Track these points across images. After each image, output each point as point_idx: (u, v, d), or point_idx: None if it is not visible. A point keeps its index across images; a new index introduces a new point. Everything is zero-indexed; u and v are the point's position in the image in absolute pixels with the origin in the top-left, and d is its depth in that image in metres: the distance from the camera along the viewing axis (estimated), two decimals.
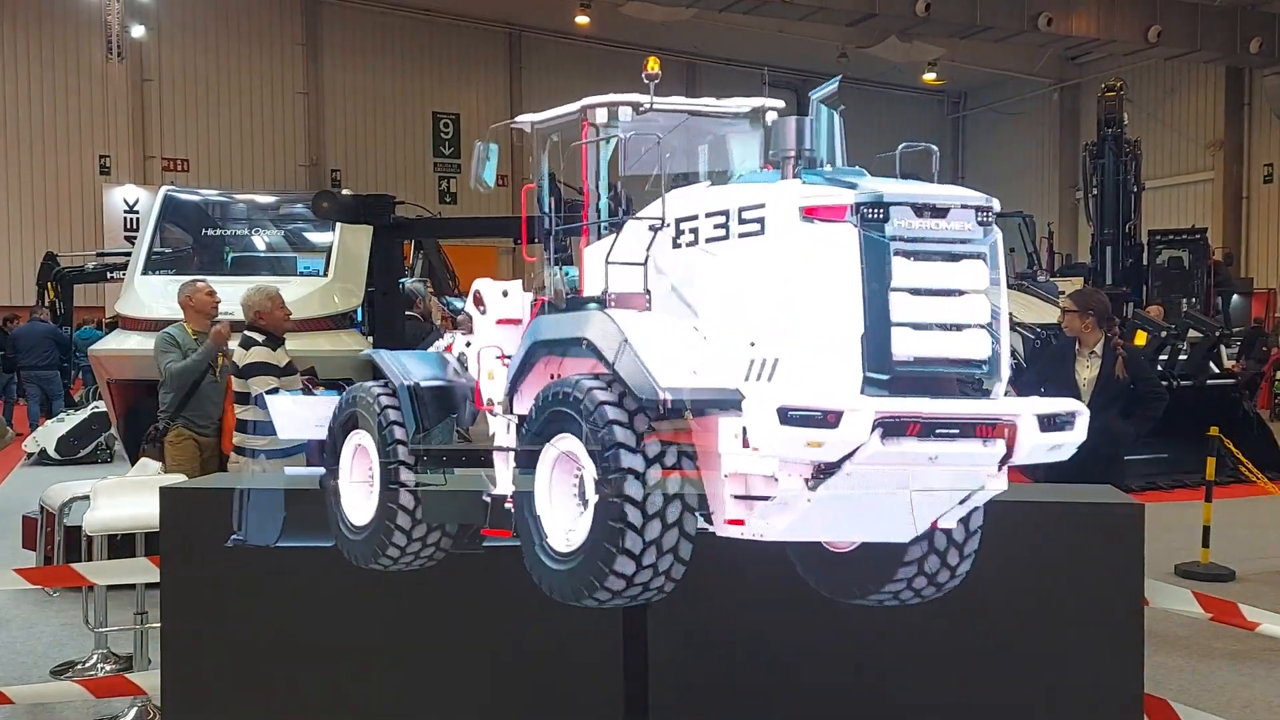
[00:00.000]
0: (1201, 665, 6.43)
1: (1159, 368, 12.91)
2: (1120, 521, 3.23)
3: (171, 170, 27.25)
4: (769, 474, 2.18)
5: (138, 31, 26.14)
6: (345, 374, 7.24)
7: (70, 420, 14.61)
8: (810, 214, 2.16)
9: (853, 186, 2.19)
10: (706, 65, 32.46)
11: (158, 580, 3.96)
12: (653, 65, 2.49)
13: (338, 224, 9.08)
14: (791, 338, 2.15)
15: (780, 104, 2.78)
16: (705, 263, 2.29)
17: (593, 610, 2.62)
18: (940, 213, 2.20)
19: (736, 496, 2.25)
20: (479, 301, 2.87)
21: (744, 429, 2.14)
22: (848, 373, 2.13)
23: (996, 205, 2.27)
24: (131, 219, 24.97)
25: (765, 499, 2.21)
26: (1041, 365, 8.03)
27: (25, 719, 5.61)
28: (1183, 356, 12.62)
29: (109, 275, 18.28)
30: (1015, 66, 30.54)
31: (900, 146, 2.56)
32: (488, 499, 2.74)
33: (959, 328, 2.16)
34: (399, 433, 2.81)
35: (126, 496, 5.72)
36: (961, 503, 2.30)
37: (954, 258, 2.19)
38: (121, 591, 6.02)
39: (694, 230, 2.36)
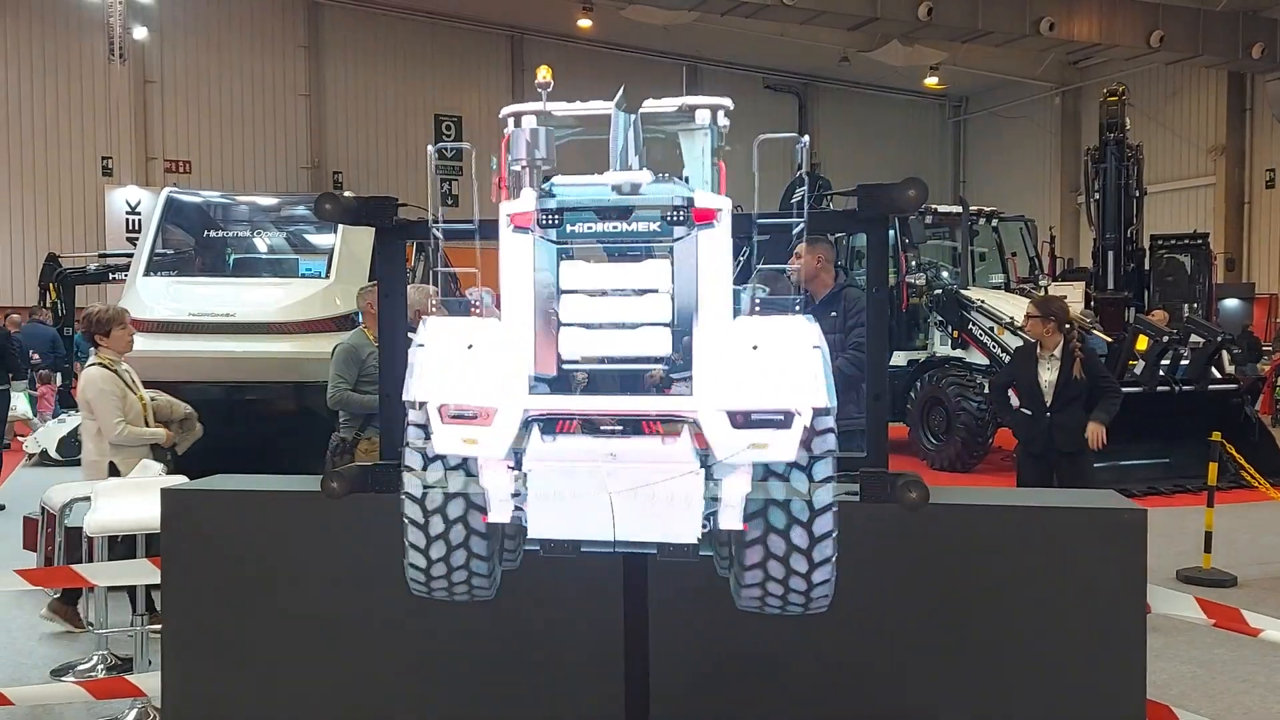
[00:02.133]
0: (1203, 671, 6.42)
1: (1160, 372, 12.93)
2: (1123, 527, 3.22)
3: (173, 172, 27.29)
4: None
5: (140, 33, 26.17)
6: None
7: (71, 421, 14.60)
8: (512, 223, 2.24)
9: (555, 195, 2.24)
10: (708, 69, 32.52)
11: (159, 581, 3.96)
12: (544, 74, 2.50)
13: (339, 226, 9.10)
14: (503, 342, 2.26)
15: (726, 102, 2.64)
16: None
17: (593, 610, 2.63)
18: (623, 215, 2.19)
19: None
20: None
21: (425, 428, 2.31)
22: (523, 373, 2.20)
23: (710, 203, 2.18)
24: (133, 220, 25.01)
25: (514, 495, 2.32)
26: (1008, 369, 8.39)
27: None
28: (1185, 361, 12.61)
29: (111, 276, 18.30)
30: (1017, 71, 30.58)
31: (758, 139, 2.55)
32: None
33: (635, 326, 2.16)
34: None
35: (127, 498, 5.72)
36: (716, 500, 2.26)
37: (636, 258, 2.18)
38: (122, 593, 6.02)
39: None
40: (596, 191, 2.21)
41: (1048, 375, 7.44)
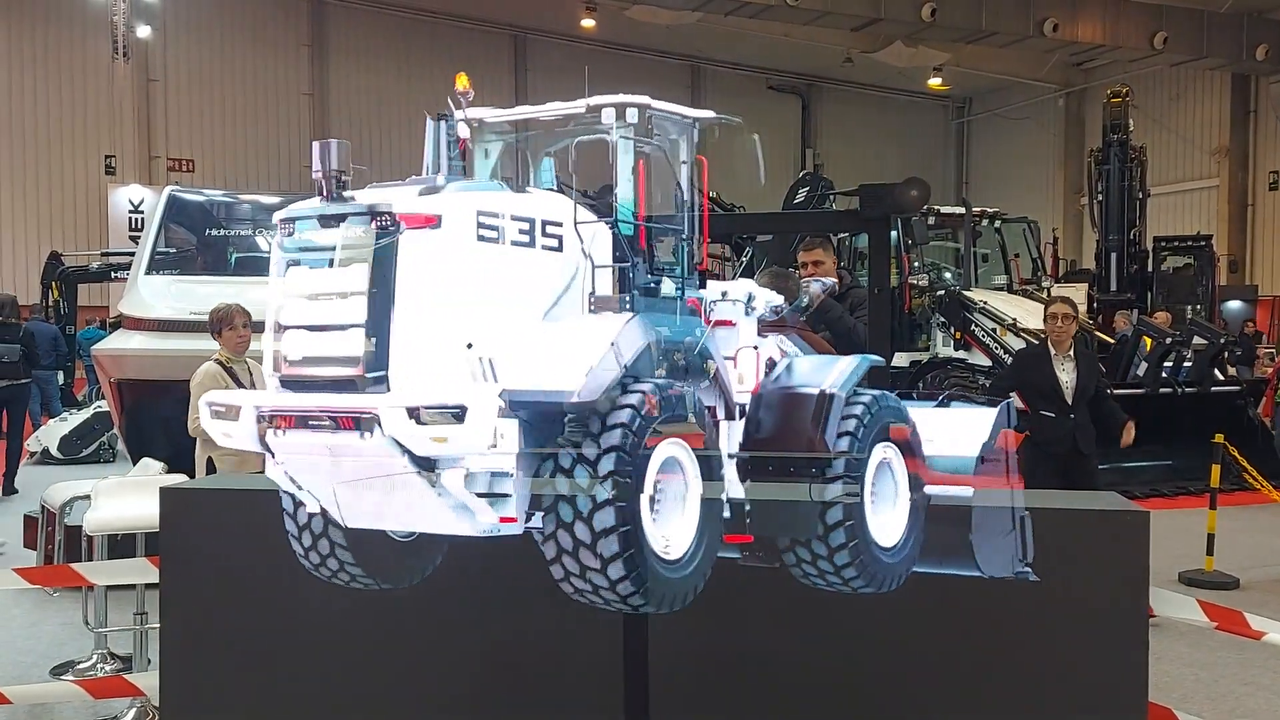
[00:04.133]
0: (1206, 674, 6.40)
1: (1164, 374, 12.91)
2: (1125, 528, 3.20)
3: (176, 170, 27.28)
4: None
5: (143, 31, 26.16)
6: None
7: (73, 420, 14.62)
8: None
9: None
10: (711, 69, 32.51)
11: (157, 580, 3.95)
12: (461, 82, 2.57)
13: None
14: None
15: (638, 100, 2.62)
16: None
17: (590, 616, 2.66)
18: (335, 222, 2.30)
19: None
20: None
21: None
22: (271, 374, 2.38)
23: (424, 209, 2.25)
24: (136, 219, 24.99)
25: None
26: (1013, 373, 8.08)
27: (24, 719, 5.61)
28: (1188, 363, 12.60)
29: (113, 275, 18.30)
30: (1021, 72, 30.53)
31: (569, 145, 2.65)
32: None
33: (342, 328, 2.25)
34: None
35: (127, 496, 5.71)
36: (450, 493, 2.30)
37: (343, 264, 2.27)
38: (122, 592, 6.01)
39: None
40: (312, 203, 2.35)
41: (1066, 376, 7.32)
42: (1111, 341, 13.78)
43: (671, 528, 2.35)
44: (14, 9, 25.80)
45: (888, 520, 2.60)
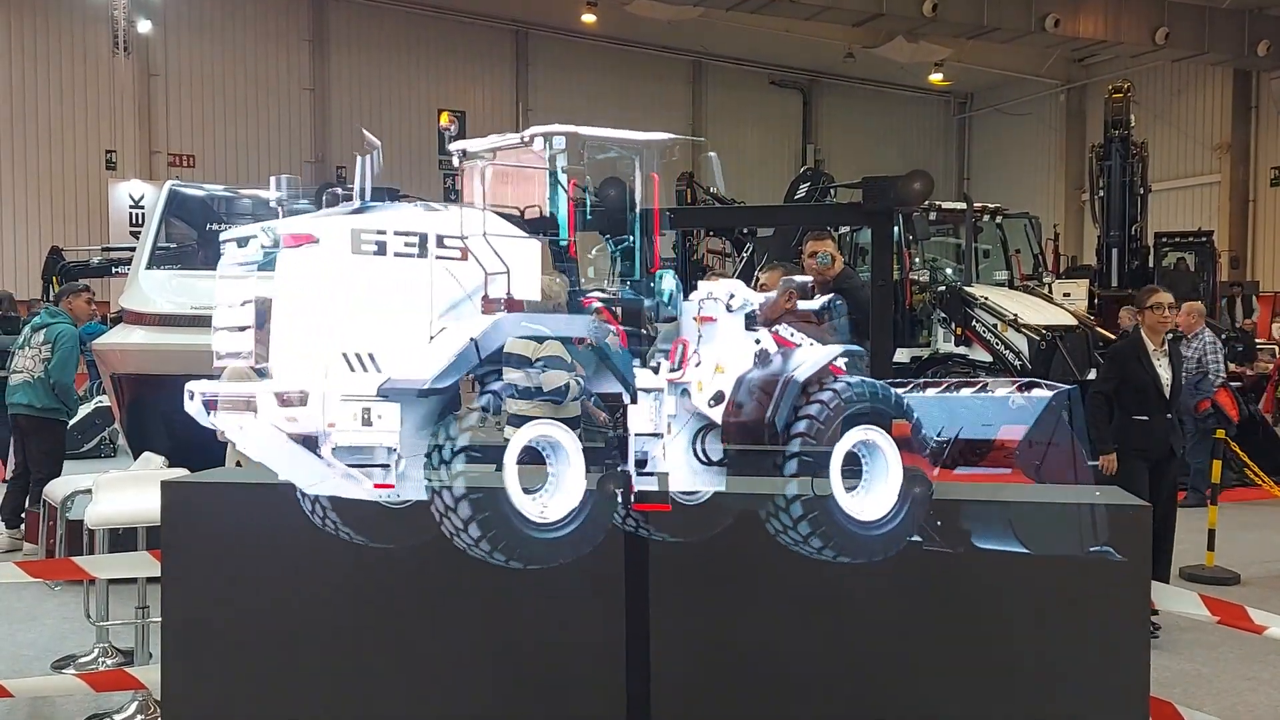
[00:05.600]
0: (1207, 669, 6.40)
1: None
2: (1128, 523, 3.20)
3: (177, 165, 27.24)
4: None
5: (144, 26, 26.12)
6: None
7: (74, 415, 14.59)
8: None
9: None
10: (713, 65, 32.46)
11: (159, 574, 3.94)
12: (445, 119, 2.96)
13: None
14: None
15: (569, 129, 2.91)
16: None
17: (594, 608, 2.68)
18: (245, 243, 2.76)
19: None
20: None
21: None
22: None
23: (303, 229, 2.64)
24: (137, 214, 24.97)
25: None
26: (1118, 368, 7.20)
27: (25, 712, 5.61)
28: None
29: (114, 270, 18.29)
30: (1022, 68, 30.49)
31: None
32: None
33: (242, 329, 2.70)
34: None
35: (128, 490, 5.72)
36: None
37: (244, 277, 2.74)
38: (123, 585, 6.02)
39: None
40: (247, 229, 2.80)
41: (1164, 372, 6.84)
42: (1112, 338, 13.75)
43: (550, 496, 2.66)
44: (14, 4, 25.77)
45: (870, 497, 2.79)
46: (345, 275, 2.57)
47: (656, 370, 2.80)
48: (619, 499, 2.75)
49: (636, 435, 2.70)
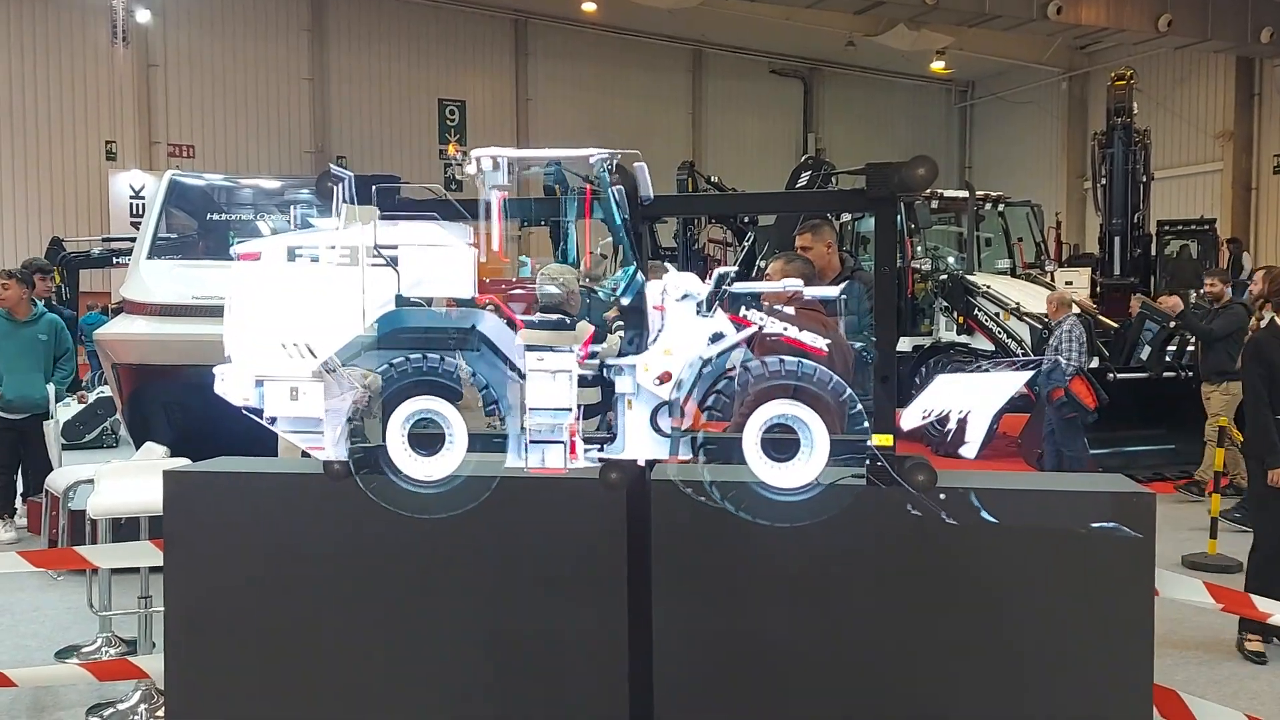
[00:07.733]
0: (1209, 656, 6.41)
1: (1166, 359, 12.88)
2: (1132, 510, 3.19)
3: (177, 156, 27.23)
4: None
5: (143, 16, 26.08)
6: None
7: (76, 405, 14.59)
8: None
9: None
10: (713, 53, 32.39)
11: (161, 564, 3.94)
12: (452, 149, 3.09)
13: (343, 208, 9.05)
14: None
15: (495, 150, 3.12)
16: None
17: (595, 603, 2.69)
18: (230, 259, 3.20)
19: None
20: None
21: None
22: None
23: (252, 248, 3.13)
24: (137, 204, 24.97)
25: None
26: (1263, 360, 6.42)
27: (29, 701, 5.62)
28: (1190, 348, 12.57)
29: (115, 260, 18.28)
30: (1024, 55, 30.40)
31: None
32: None
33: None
34: None
35: (130, 480, 5.72)
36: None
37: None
38: (125, 575, 6.02)
39: None
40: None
41: None
42: (1115, 325, 13.74)
43: (433, 461, 3.13)
44: None
45: (793, 466, 3.02)
46: (283, 284, 3.08)
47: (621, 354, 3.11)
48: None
49: (532, 410, 3.02)
